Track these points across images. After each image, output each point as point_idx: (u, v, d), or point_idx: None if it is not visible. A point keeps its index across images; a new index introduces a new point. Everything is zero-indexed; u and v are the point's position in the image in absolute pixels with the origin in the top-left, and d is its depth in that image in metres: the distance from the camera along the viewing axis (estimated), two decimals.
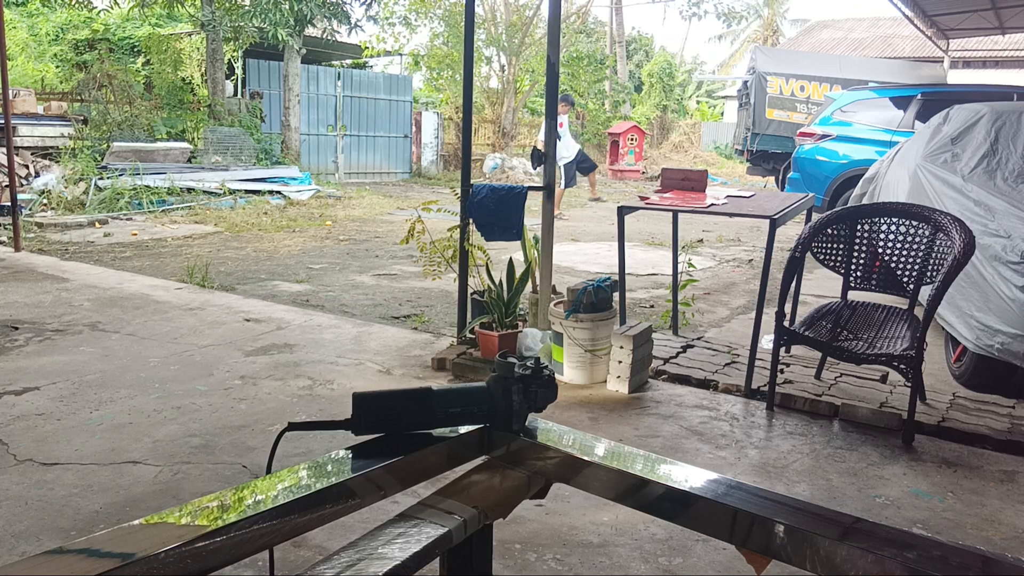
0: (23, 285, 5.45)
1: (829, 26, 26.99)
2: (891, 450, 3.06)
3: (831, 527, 0.80)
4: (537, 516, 2.44)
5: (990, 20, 11.34)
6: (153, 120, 13.90)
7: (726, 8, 23.72)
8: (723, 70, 34.72)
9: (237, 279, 5.96)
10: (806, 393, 3.53)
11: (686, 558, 2.25)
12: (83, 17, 17.95)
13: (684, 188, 4.52)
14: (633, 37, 32.77)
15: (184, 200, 10.09)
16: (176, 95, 16.36)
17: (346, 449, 1.02)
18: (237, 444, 2.94)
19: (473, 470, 1.00)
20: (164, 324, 4.55)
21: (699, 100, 31.41)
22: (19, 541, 2.25)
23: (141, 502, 2.49)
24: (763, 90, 14.30)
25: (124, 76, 14.31)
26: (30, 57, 17.22)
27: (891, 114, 8.51)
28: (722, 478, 0.92)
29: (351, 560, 0.76)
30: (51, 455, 2.81)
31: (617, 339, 3.60)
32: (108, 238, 7.68)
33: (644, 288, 6.08)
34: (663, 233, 8.62)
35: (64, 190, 9.39)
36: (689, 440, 3.11)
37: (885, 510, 2.59)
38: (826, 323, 3.42)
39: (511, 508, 0.95)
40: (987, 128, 4.47)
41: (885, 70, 14.18)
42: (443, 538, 0.83)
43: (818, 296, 5.42)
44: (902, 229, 3.51)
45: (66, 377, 3.60)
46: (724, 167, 21.23)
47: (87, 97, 13.52)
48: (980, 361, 3.61)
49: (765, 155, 13.57)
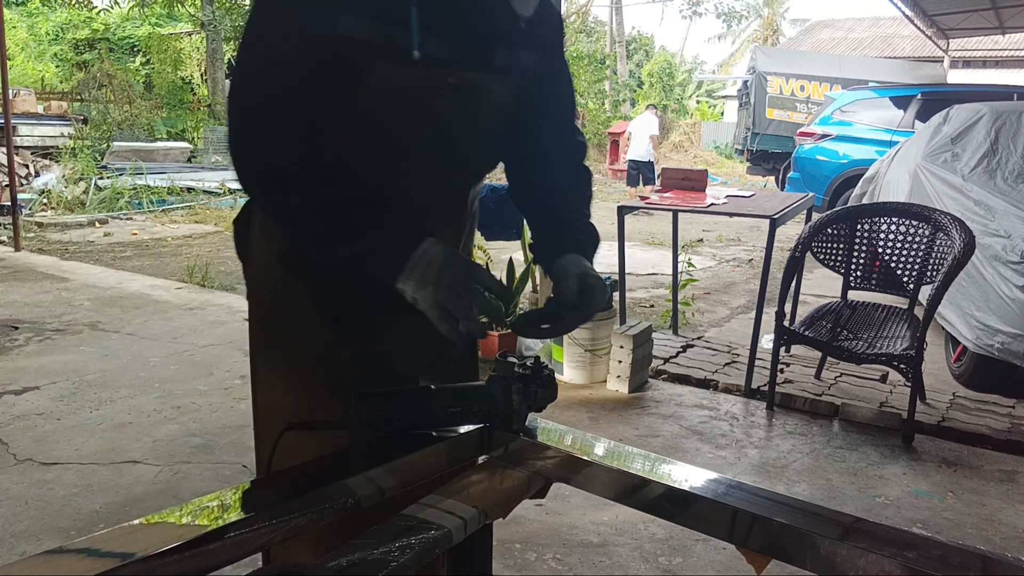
0: (23, 285, 5.45)
1: (829, 26, 26.99)
2: (891, 450, 3.06)
3: (831, 527, 0.80)
4: (537, 516, 2.44)
5: (990, 20, 11.33)
6: (153, 120, 13.90)
7: (726, 8, 23.74)
8: (723, 70, 34.72)
9: (237, 279, 5.96)
10: (806, 393, 3.53)
11: (686, 558, 2.25)
12: (83, 17, 17.94)
13: (684, 188, 4.52)
14: (633, 37, 32.77)
15: (184, 200, 10.09)
16: (176, 95, 16.36)
17: (346, 449, 1.02)
18: (237, 444, 2.94)
19: (473, 470, 1.00)
20: (164, 324, 4.55)
21: (699, 100, 31.40)
22: (19, 541, 2.25)
23: (141, 502, 2.49)
24: (763, 90, 14.30)
25: (124, 76, 14.32)
26: (30, 57, 17.22)
27: (891, 114, 8.51)
28: (722, 478, 0.92)
29: (350, 560, 0.76)
30: (51, 455, 2.81)
31: (617, 339, 3.60)
32: (108, 238, 7.68)
33: (644, 288, 6.09)
34: (663, 233, 8.62)
35: (64, 190, 9.39)
36: (689, 440, 3.11)
37: (885, 510, 2.59)
38: (826, 323, 3.42)
39: (511, 508, 0.95)
40: (987, 128, 4.47)
41: (885, 70, 14.17)
42: (443, 538, 0.83)
43: (818, 296, 5.42)
44: (902, 229, 3.51)
45: (66, 377, 3.60)
46: (724, 167, 21.22)
47: (87, 97, 13.53)
48: (980, 361, 3.61)
49: (765, 155, 13.56)
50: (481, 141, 1.20)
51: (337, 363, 1.15)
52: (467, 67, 1.09)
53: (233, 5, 14.58)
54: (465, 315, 0.97)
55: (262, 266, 1.21)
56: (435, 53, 1.04)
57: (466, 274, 0.99)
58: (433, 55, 1.03)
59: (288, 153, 1.02)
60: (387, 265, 1.00)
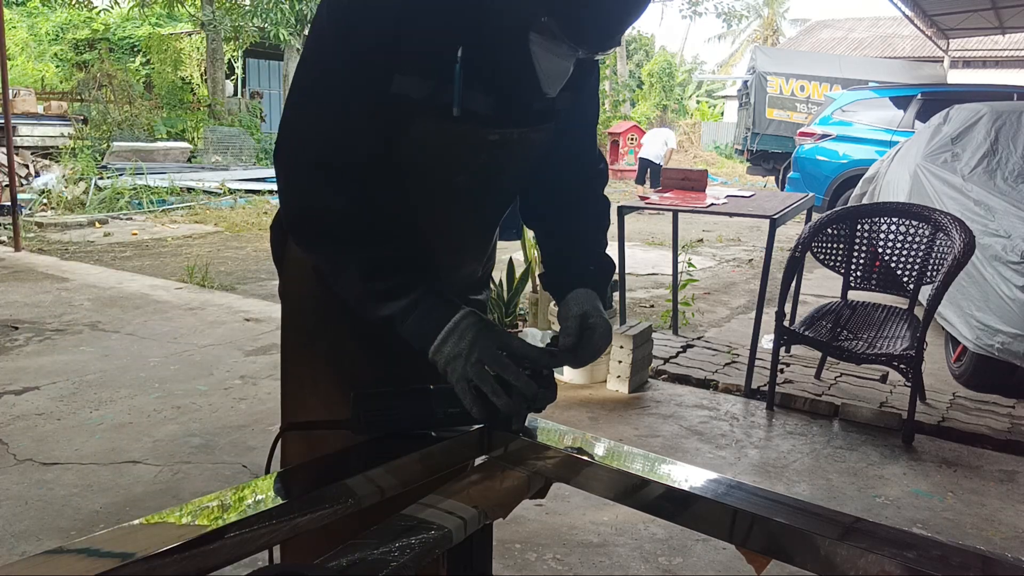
0: (23, 285, 5.45)
1: (829, 26, 26.99)
2: (891, 450, 3.06)
3: (831, 527, 0.80)
4: (537, 516, 2.44)
5: (990, 20, 11.33)
6: (153, 120, 13.90)
7: (726, 8, 23.73)
8: (723, 70, 34.74)
9: (237, 279, 5.97)
10: (806, 393, 3.53)
11: (686, 558, 2.25)
12: (83, 17, 17.95)
13: (684, 188, 4.52)
14: (633, 37, 32.74)
15: (184, 200, 10.08)
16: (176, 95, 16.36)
17: (346, 449, 1.02)
18: (237, 444, 2.94)
19: (473, 470, 1.00)
20: (164, 324, 4.55)
21: (699, 100, 31.41)
22: (19, 541, 2.25)
23: (141, 502, 2.49)
24: (763, 90, 14.30)
25: (124, 76, 14.32)
26: (30, 57, 17.22)
27: (891, 114, 8.51)
28: (722, 478, 0.92)
29: (350, 560, 0.76)
30: (51, 455, 2.81)
31: (617, 339, 3.59)
32: (108, 238, 7.68)
33: (644, 288, 6.09)
34: (663, 233, 8.62)
35: (64, 190, 9.39)
36: (689, 440, 3.11)
37: (885, 510, 2.59)
38: (826, 323, 3.42)
39: (511, 508, 0.95)
40: (987, 128, 4.47)
41: (885, 70, 14.17)
42: (443, 538, 0.83)
43: (818, 296, 5.42)
44: (902, 229, 3.51)
45: (66, 377, 3.60)
46: (724, 167, 21.22)
47: (87, 97, 13.53)
48: (980, 361, 3.61)
49: (765, 155, 13.56)
50: (517, 182, 1.22)
51: (361, 376, 1.17)
52: (508, 124, 1.10)
53: (233, 5, 14.58)
54: (492, 390, 0.98)
55: (295, 275, 1.24)
56: (479, 111, 1.05)
57: (497, 347, 0.99)
58: (477, 114, 1.05)
59: (339, 206, 1.04)
60: (420, 335, 1.02)
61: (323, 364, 1.20)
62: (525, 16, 0.93)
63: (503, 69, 1.02)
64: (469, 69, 1.01)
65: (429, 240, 1.16)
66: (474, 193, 1.16)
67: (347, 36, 1.00)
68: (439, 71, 1.01)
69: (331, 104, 1.02)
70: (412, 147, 1.07)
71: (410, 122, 1.04)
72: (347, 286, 1.05)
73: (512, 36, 0.96)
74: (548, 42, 0.94)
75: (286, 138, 1.06)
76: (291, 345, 1.26)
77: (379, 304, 1.03)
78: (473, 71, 1.02)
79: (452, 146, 1.08)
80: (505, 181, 1.19)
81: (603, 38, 0.94)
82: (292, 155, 1.06)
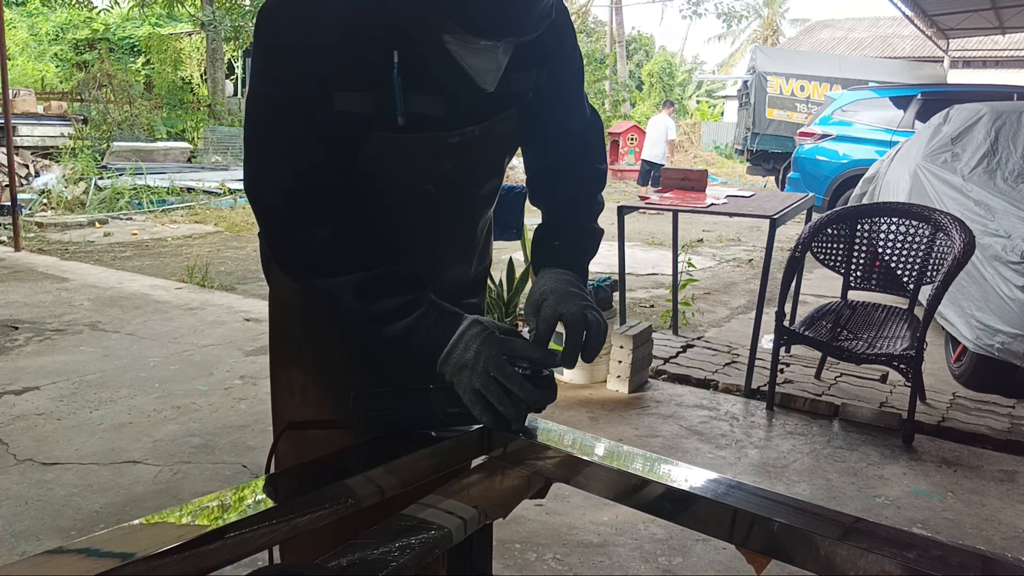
0: (23, 285, 5.45)
1: (829, 26, 26.99)
2: (891, 450, 3.06)
3: (831, 527, 0.80)
4: (537, 516, 2.44)
5: (990, 20, 11.34)
6: (153, 120, 13.90)
7: (726, 8, 23.73)
8: (723, 70, 34.73)
9: (237, 279, 5.96)
10: (806, 393, 3.53)
11: (686, 558, 2.25)
12: (83, 17, 17.94)
13: (684, 188, 4.52)
14: (633, 37, 32.79)
15: (184, 200, 10.08)
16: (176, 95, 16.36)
17: (346, 449, 1.02)
18: (237, 444, 2.94)
19: (473, 470, 1.00)
20: (164, 324, 4.55)
21: (699, 100, 31.41)
22: (19, 541, 2.25)
23: (141, 502, 2.49)
24: (763, 90, 14.30)
25: (124, 76, 14.32)
26: (30, 57, 17.22)
27: (891, 114, 8.51)
28: (722, 478, 0.92)
29: (350, 560, 0.76)
30: (51, 455, 2.81)
31: (617, 339, 3.59)
32: (108, 238, 7.67)
33: (644, 288, 6.09)
34: (663, 233, 8.62)
35: (64, 190, 9.39)
36: (689, 440, 3.11)
37: (885, 510, 2.59)
38: (826, 323, 3.42)
39: (511, 508, 0.95)
40: (987, 128, 4.47)
41: (885, 70, 14.18)
42: (443, 538, 0.83)
43: (818, 296, 5.42)
44: (902, 229, 3.51)
45: (66, 377, 3.60)
46: (724, 167, 21.22)
47: (87, 97, 13.53)
48: (980, 361, 3.61)
49: (765, 155, 13.56)
50: (490, 172, 1.21)
51: (349, 383, 1.16)
52: (466, 123, 1.09)
53: (233, 5, 14.58)
54: (499, 401, 0.98)
55: (282, 284, 1.24)
56: (432, 115, 1.04)
57: (503, 353, 0.99)
58: (429, 118, 1.04)
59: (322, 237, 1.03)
60: (426, 349, 1.02)
61: (312, 372, 1.20)
62: (430, 20, 0.92)
63: (436, 73, 1.00)
64: (407, 76, 1.00)
65: (409, 248, 1.15)
66: (446, 198, 1.15)
67: (272, 64, 1.00)
68: (378, 83, 1.00)
69: (280, 135, 1.02)
70: (374, 163, 1.06)
71: (365, 139, 1.03)
72: (347, 312, 1.05)
73: (429, 41, 0.95)
74: (461, 40, 0.93)
75: (254, 178, 1.05)
76: (279, 353, 1.26)
77: (382, 326, 1.03)
78: (411, 78, 1.01)
79: (414, 156, 1.07)
80: (478, 178, 1.18)
81: (507, 26, 0.91)
82: (264, 194, 1.05)
